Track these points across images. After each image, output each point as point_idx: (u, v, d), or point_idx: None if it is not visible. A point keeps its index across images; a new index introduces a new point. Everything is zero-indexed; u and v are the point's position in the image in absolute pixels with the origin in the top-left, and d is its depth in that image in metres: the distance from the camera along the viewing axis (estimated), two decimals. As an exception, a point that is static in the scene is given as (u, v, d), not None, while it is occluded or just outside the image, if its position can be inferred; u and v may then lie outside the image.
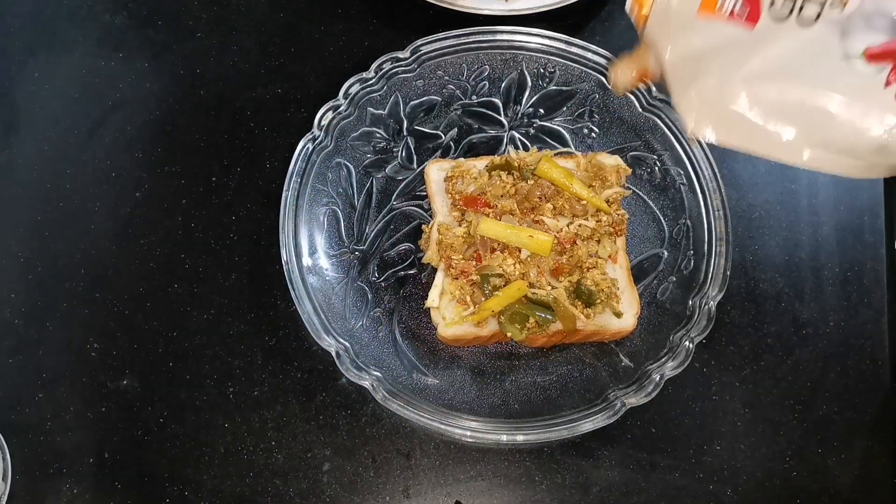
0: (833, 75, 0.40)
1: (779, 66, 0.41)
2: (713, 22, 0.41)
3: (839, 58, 0.40)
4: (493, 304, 0.60)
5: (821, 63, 0.40)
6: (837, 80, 0.40)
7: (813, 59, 0.40)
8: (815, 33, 0.40)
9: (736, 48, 0.42)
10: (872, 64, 0.39)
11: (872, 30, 0.39)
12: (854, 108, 0.40)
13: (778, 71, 0.41)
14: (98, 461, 0.61)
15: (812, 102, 0.41)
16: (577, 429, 0.58)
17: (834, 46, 0.40)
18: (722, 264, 0.63)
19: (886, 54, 0.39)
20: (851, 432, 0.64)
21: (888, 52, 0.39)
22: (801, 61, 0.41)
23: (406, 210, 0.68)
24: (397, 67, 0.67)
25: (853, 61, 0.39)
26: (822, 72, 0.40)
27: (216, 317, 0.65)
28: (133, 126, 0.72)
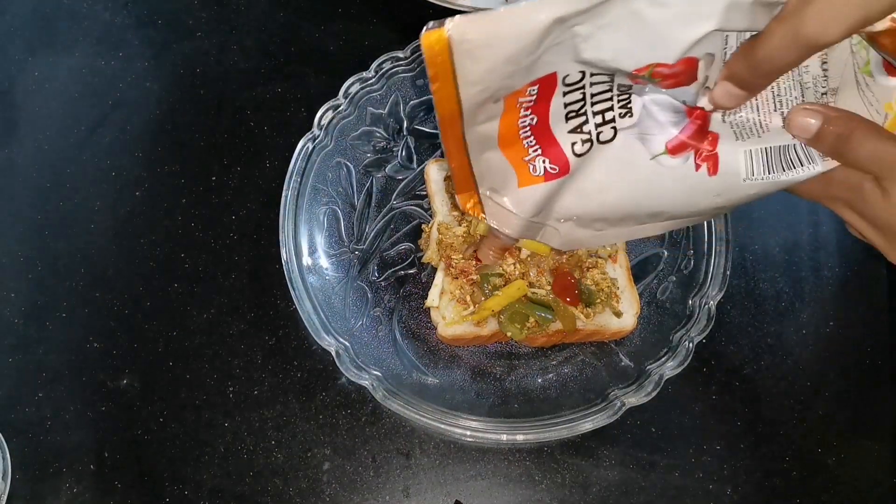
0: (651, 173, 0.43)
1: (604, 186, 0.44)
2: (534, 187, 0.45)
3: (647, 159, 0.43)
4: (493, 304, 0.60)
5: (637, 165, 0.43)
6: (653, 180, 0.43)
7: (629, 164, 0.43)
8: (620, 145, 0.43)
9: (562, 189, 0.45)
10: (678, 157, 0.42)
11: (663, 126, 0.42)
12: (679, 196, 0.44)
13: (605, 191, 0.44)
14: (98, 460, 0.61)
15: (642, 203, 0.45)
16: (576, 428, 0.58)
17: (640, 151, 0.43)
18: (722, 264, 0.63)
19: (684, 144, 0.42)
20: (851, 432, 0.64)
21: (683, 144, 0.42)
22: (619, 174, 0.44)
23: (406, 209, 0.68)
24: (397, 67, 0.67)
25: (660, 159, 0.42)
26: (640, 172, 0.43)
27: (216, 316, 0.65)
28: (133, 125, 0.72)
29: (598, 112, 0.42)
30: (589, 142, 0.43)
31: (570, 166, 0.44)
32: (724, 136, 0.42)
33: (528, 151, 0.44)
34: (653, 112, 0.42)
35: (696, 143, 0.42)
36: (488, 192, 0.46)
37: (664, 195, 0.44)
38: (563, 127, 0.43)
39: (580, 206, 0.46)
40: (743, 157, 0.41)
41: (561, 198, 0.45)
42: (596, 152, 0.43)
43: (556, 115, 0.42)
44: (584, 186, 0.44)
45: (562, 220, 0.47)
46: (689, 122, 0.42)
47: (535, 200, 0.45)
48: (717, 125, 0.42)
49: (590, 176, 0.44)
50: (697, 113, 0.41)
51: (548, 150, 0.43)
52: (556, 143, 0.43)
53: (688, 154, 0.42)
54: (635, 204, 0.45)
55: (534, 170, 0.44)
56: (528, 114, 0.42)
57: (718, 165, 0.41)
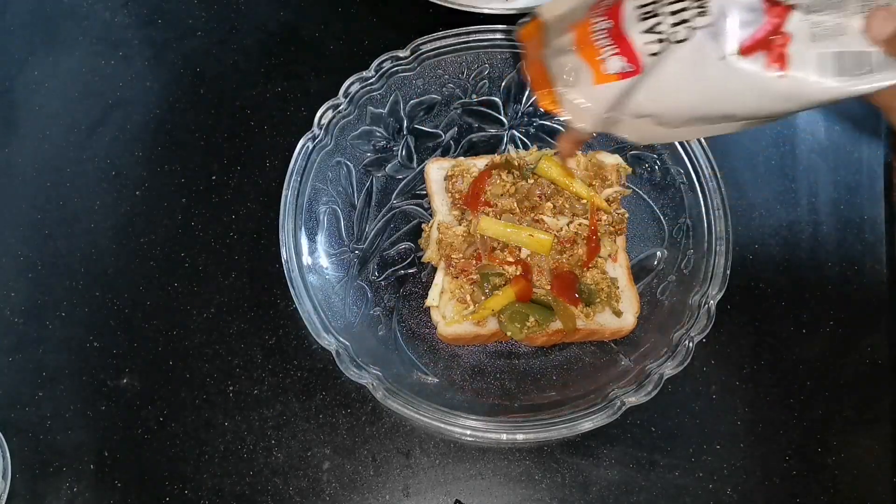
0: (721, 73, 0.42)
1: (676, 86, 0.44)
2: (608, 85, 0.46)
3: (717, 59, 0.42)
4: (493, 303, 0.60)
5: (707, 67, 0.43)
6: (722, 82, 0.43)
7: (699, 66, 0.43)
8: (692, 46, 0.43)
9: (637, 86, 0.45)
10: (749, 57, 0.41)
11: (738, 25, 0.41)
12: (750, 98, 0.43)
13: (677, 91, 0.44)
14: (98, 460, 0.61)
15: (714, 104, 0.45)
16: (576, 428, 0.58)
17: (710, 51, 0.42)
18: (722, 263, 0.63)
19: (756, 44, 0.41)
20: (851, 432, 0.64)
21: (757, 43, 0.41)
22: (690, 74, 0.44)
23: (406, 209, 0.68)
24: (397, 66, 0.67)
25: (730, 59, 0.42)
26: (711, 73, 0.43)
27: (216, 315, 0.65)
28: (133, 125, 0.72)
29: (673, 12, 0.43)
30: (663, 41, 0.43)
31: (643, 65, 0.44)
32: (798, 36, 0.41)
33: (602, 51, 0.45)
34: (729, 9, 0.42)
35: (769, 42, 0.41)
36: (564, 89, 0.48)
37: (734, 97, 0.43)
38: (637, 27, 0.43)
39: (654, 104, 0.46)
40: (815, 60, 0.40)
41: (635, 95, 0.46)
42: (670, 52, 0.43)
43: (630, 16, 0.43)
44: (657, 85, 0.45)
45: (636, 117, 0.47)
46: (765, 20, 0.41)
47: (610, 97, 0.46)
48: (794, 24, 0.41)
49: (662, 75, 0.44)
50: (775, 10, 0.41)
51: (622, 49, 0.44)
52: (630, 43, 0.44)
53: (759, 54, 0.41)
54: (706, 105, 0.44)
55: (607, 68, 0.45)
56: (601, 19, 0.44)
57: (788, 66, 0.41)
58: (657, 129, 0.48)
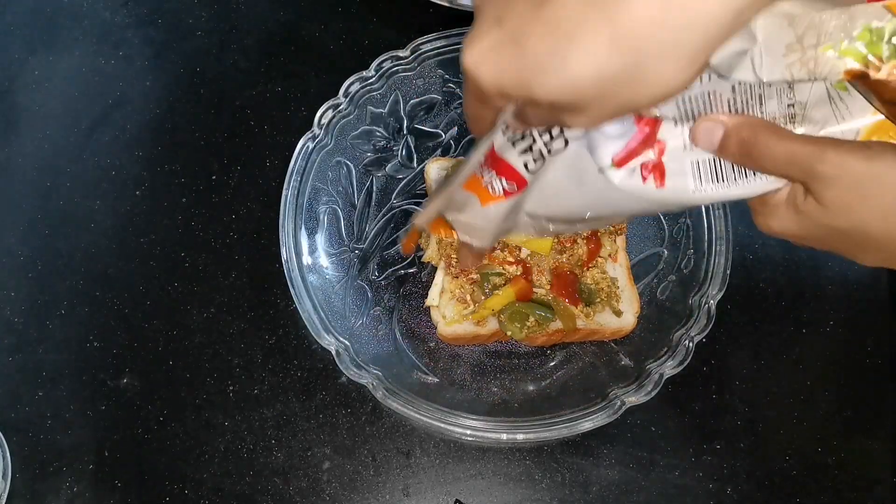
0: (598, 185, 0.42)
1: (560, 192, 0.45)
2: (495, 204, 0.46)
3: (596, 172, 0.42)
4: (493, 303, 0.60)
5: (585, 179, 0.43)
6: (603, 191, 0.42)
7: (579, 178, 0.43)
8: (570, 156, 0.43)
9: (526, 201, 0.46)
10: (623, 168, 0.41)
11: (610, 139, 0.41)
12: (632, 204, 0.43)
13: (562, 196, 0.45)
14: (98, 459, 0.61)
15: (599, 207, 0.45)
16: (576, 427, 0.58)
17: (587, 163, 0.42)
18: (722, 263, 0.63)
19: (630, 155, 0.40)
20: (851, 432, 0.64)
21: (629, 154, 0.40)
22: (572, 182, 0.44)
23: (406, 209, 0.68)
24: (397, 66, 0.67)
25: (607, 172, 0.41)
26: (590, 183, 0.43)
27: (216, 315, 0.65)
28: (133, 124, 0.72)
29: (544, 131, 0.42)
30: (540, 159, 0.43)
31: (527, 180, 0.44)
32: (672, 144, 0.40)
33: (484, 178, 0.45)
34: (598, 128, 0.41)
35: (643, 153, 0.40)
36: (454, 215, 0.49)
37: (618, 203, 0.43)
38: (513, 151, 0.43)
39: (544, 209, 0.47)
40: (690, 169, 0.40)
41: (524, 206, 0.47)
42: (549, 163, 0.43)
43: (503, 146, 0.43)
44: (543, 193, 0.45)
45: (531, 219, 0.48)
46: (636, 130, 0.40)
47: (500, 214, 0.46)
48: (666, 132, 0.40)
49: (546, 183, 0.44)
50: (645, 120, 0.40)
51: (503, 172, 0.44)
52: (509, 165, 0.44)
53: (634, 165, 0.40)
54: (595, 208, 0.45)
55: (493, 190, 0.45)
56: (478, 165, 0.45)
57: (665, 177, 0.40)
58: (554, 225, 0.49)
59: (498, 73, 0.34)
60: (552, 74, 0.32)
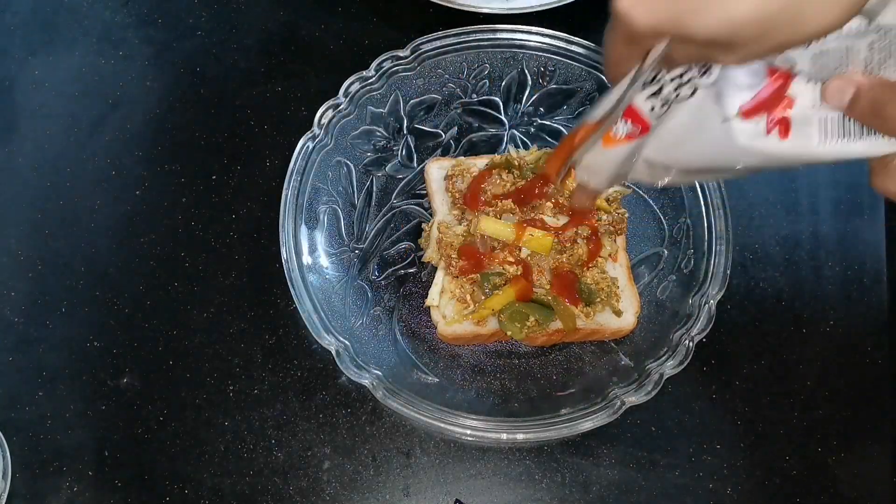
0: (721, 136, 0.42)
1: (680, 141, 0.44)
2: (616, 147, 0.45)
3: (720, 121, 0.42)
4: (493, 303, 0.60)
5: (709, 128, 0.43)
6: (725, 142, 0.42)
7: (701, 125, 0.43)
8: (695, 104, 0.43)
9: (646, 145, 0.46)
10: (749, 120, 0.41)
11: (740, 88, 0.41)
12: (753, 158, 0.43)
13: (681, 145, 0.45)
14: (98, 459, 0.61)
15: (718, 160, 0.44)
16: (576, 427, 0.58)
17: (713, 112, 0.42)
18: (722, 263, 0.63)
19: (758, 108, 0.41)
20: (851, 432, 0.64)
21: (759, 106, 0.41)
22: (693, 132, 0.43)
23: (406, 208, 0.68)
24: (397, 66, 0.67)
25: (732, 122, 0.41)
26: (712, 135, 0.42)
27: (216, 315, 0.65)
28: (133, 124, 0.72)
29: (673, 77, 0.42)
30: (666, 104, 0.43)
31: (650, 124, 0.44)
32: (801, 100, 0.40)
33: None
34: (731, 71, 0.41)
35: (771, 106, 0.40)
36: (580, 159, 0.48)
37: (738, 156, 0.43)
38: (642, 94, 0.43)
39: (662, 156, 0.46)
40: (817, 123, 0.40)
41: (643, 150, 0.46)
42: (674, 109, 0.43)
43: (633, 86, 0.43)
44: (663, 140, 0.45)
45: (648, 165, 0.48)
46: (767, 83, 0.40)
47: (619, 157, 0.46)
48: (797, 87, 0.40)
49: (668, 130, 0.44)
50: (778, 73, 0.40)
51: (627, 114, 0.44)
52: (635, 108, 0.43)
53: (761, 117, 0.41)
54: (711, 160, 0.44)
55: (615, 132, 0.45)
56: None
57: (790, 130, 0.40)
58: (669, 175, 0.48)
59: (655, 14, 0.34)
60: (713, 13, 0.32)
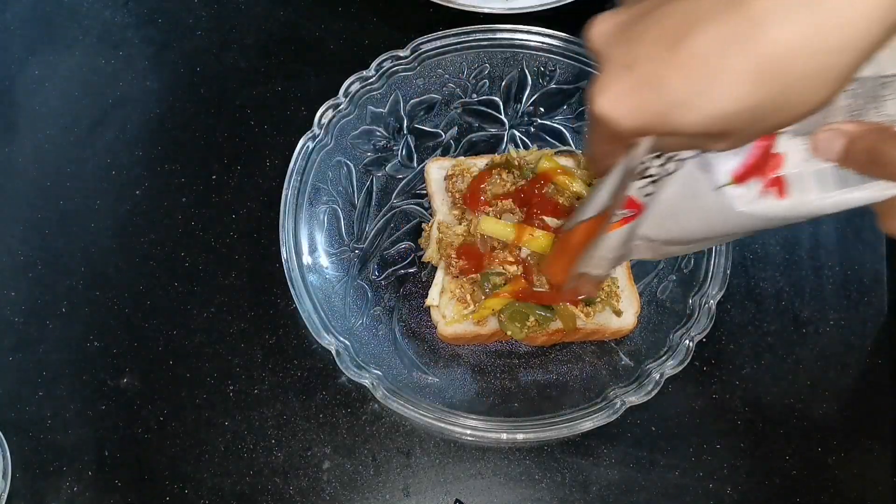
0: (716, 206, 0.41)
1: (676, 213, 0.44)
2: (615, 232, 0.45)
3: (711, 190, 0.41)
4: (494, 303, 0.60)
5: (702, 200, 0.42)
6: (721, 210, 0.42)
7: (694, 198, 0.42)
8: (684, 175, 0.42)
9: (642, 225, 0.46)
10: (741, 185, 0.40)
11: (726, 156, 0.40)
12: (750, 221, 0.42)
13: (677, 217, 0.44)
14: (98, 459, 0.61)
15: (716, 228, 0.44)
16: (577, 427, 0.58)
17: (703, 181, 0.41)
18: (722, 263, 0.63)
19: (748, 172, 0.40)
20: (851, 432, 0.64)
21: (749, 170, 0.40)
22: (687, 203, 0.43)
23: (406, 208, 0.68)
24: (397, 66, 0.67)
25: (724, 190, 0.40)
26: (706, 206, 0.42)
27: (216, 315, 0.65)
28: (133, 124, 0.72)
29: (657, 155, 0.41)
30: (655, 182, 0.42)
31: (642, 206, 0.44)
32: (791, 157, 0.39)
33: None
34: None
35: (761, 168, 0.39)
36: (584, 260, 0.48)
37: (736, 220, 0.42)
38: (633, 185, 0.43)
39: (659, 231, 0.46)
40: (813, 178, 0.39)
41: (640, 230, 0.46)
42: (664, 185, 0.43)
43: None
44: (659, 216, 0.44)
45: (647, 242, 0.48)
46: (753, 145, 0.39)
47: (618, 241, 0.46)
48: (784, 144, 0.39)
49: (661, 206, 0.44)
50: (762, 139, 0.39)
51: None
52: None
53: (753, 181, 0.40)
54: (709, 228, 0.44)
55: (613, 219, 0.44)
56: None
57: (786, 189, 0.39)
58: (669, 248, 0.48)
59: (640, 114, 0.34)
60: (701, 108, 0.32)
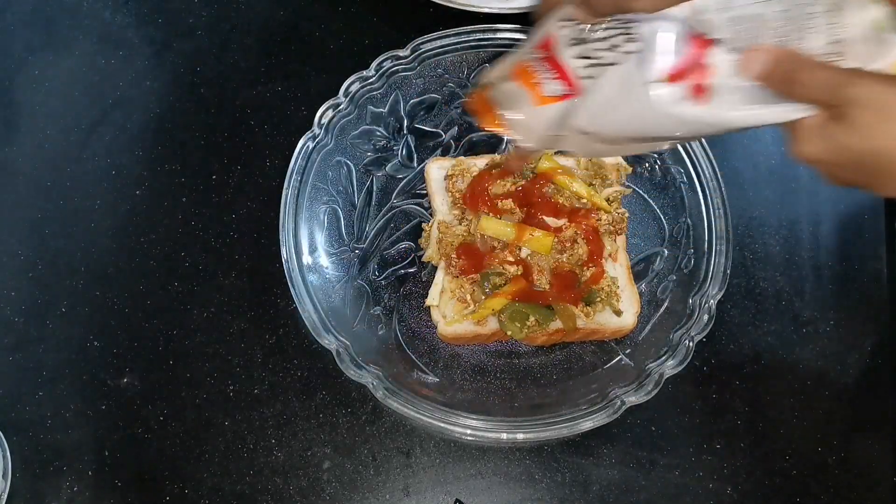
0: (644, 102, 0.44)
1: (610, 108, 0.46)
2: (548, 106, 0.48)
3: (641, 85, 0.44)
4: (494, 303, 0.60)
5: (633, 94, 0.44)
6: (647, 107, 0.44)
7: (629, 92, 0.45)
8: (622, 70, 0.44)
9: (576, 112, 0.47)
10: (672, 85, 0.43)
11: (663, 54, 0.43)
12: (673, 122, 0.45)
13: (611, 112, 0.46)
14: (98, 459, 0.61)
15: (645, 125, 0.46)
16: (577, 427, 0.58)
17: (636, 76, 0.44)
18: (722, 263, 0.63)
19: (679, 74, 0.43)
20: (851, 432, 0.64)
21: (680, 72, 0.43)
22: (621, 97, 0.45)
23: (406, 208, 0.68)
24: (398, 65, 0.67)
25: (652, 86, 0.43)
26: (636, 97, 0.44)
27: (216, 315, 0.65)
28: (133, 124, 0.72)
29: (600, 38, 0.45)
30: (594, 66, 0.45)
31: (579, 88, 0.46)
32: (721, 68, 0.43)
33: (539, 77, 0.47)
34: (656, 37, 0.43)
35: (691, 73, 0.43)
36: (506, 110, 0.50)
37: (659, 121, 0.45)
38: (569, 52, 0.46)
39: (591, 124, 0.48)
40: (733, 91, 0.43)
41: (574, 115, 0.48)
42: (603, 75, 0.45)
43: (561, 43, 0.46)
44: (593, 106, 0.46)
45: (579, 133, 0.49)
46: (688, 51, 0.43)
47: (550, 117, 0.48)
48: (716, 57, 0.43)
49: (597, 97, 0.46)
50: (698, 42, 0.43)
51: (558, 74, 0.46)
52: (564, 68, 0.46)
53: (682, 84, 0.43)
54: (637, 127, 0.46)
55: (545, 91, 0.47)
56: (536, 52, 0.47)
57: (708, 97, 0.43)
58: (599, 145, 0.50)
59: None
60: None
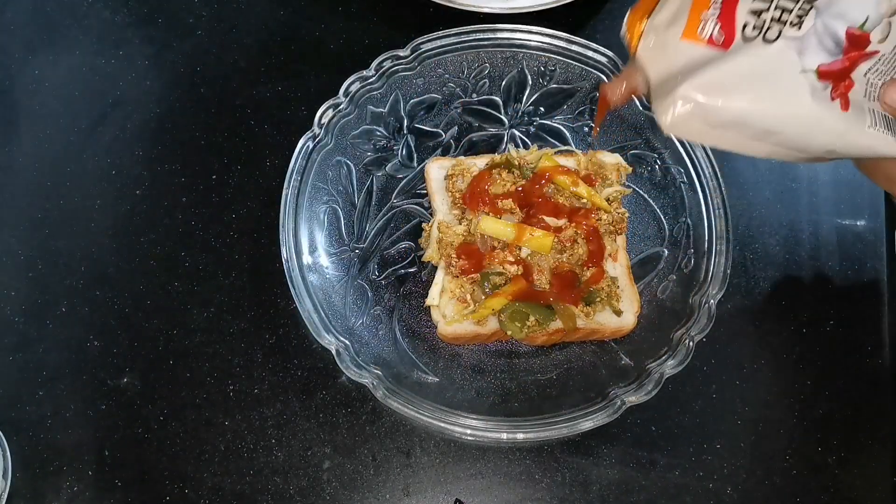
0: (793, 86, 0.45)
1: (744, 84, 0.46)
2: (694, 45, 0.47)
3: (798, 71, 0.45)
4: (494, 303, 0.60)
5: (782, 75, 0.46)
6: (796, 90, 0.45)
7: (775, 73, 0.46)
8: (773, 52, 0.46)
9: (709, 64, 0.47)
10: (821, 81, 0.45)
11: (822, 51, 0.45)
12: (805, 119, 0.46)
13: (741, 90, 0.46)
14: (98, 459, 0.61)
15: (767, 113, 0.47)
16: (577, 427, 0.58)
17: (792, 62, 0.45)
18: (722, 263, 0.63)
19: (830, 74, 0.45)
20: (851, 432, 0.64)
21: (833, 72, 0.45)
22: (764, 74, 0.46)
23: (406, 208, 0.68)
24: (398, 65, 0.67)
25: (808, 75, 0.45)
26: (783, 83, 0.46)
27: (216, 315, 0.65)
28: (133, 124, 0.72)
29: (779, 7, 0.45)
30: (758, 30, 0.45)
31: (731, 43, 0.46)
32: (857, 87, 0.45)
33: (710, 7, 0.46)
34: (819, 34, 0.45)
35: (839, 79, 0.45)
36: (656, 22, 0.48)
37: (793, 112, 0.45)
38: (746, 4, 0.46)
39: (712, 91, 0.46)
40: (868, 111, 0.45)
41: (705, 72, 0.46)
42: (756, 46, 0.45)
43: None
44: (728, 74, 0.46)
45: (688, 98, 0.47)
46: (842, 58, 0.45)
47: (686, 58, 0.47)
48: (858, 75, 0.45)
49: (738, 65, 0.46)
50: (851, 55, 0.45)
51: (724, 16, 0.46)
52: (733, 15, 0.46)
53: (829, 84, 0.45)
54: (761, 113, 0.46)
55: (702, 29, 0.46)
56: None
57: (850, 106, 0.45)
58: (693, 123, 0.48)
59: None
60: None
